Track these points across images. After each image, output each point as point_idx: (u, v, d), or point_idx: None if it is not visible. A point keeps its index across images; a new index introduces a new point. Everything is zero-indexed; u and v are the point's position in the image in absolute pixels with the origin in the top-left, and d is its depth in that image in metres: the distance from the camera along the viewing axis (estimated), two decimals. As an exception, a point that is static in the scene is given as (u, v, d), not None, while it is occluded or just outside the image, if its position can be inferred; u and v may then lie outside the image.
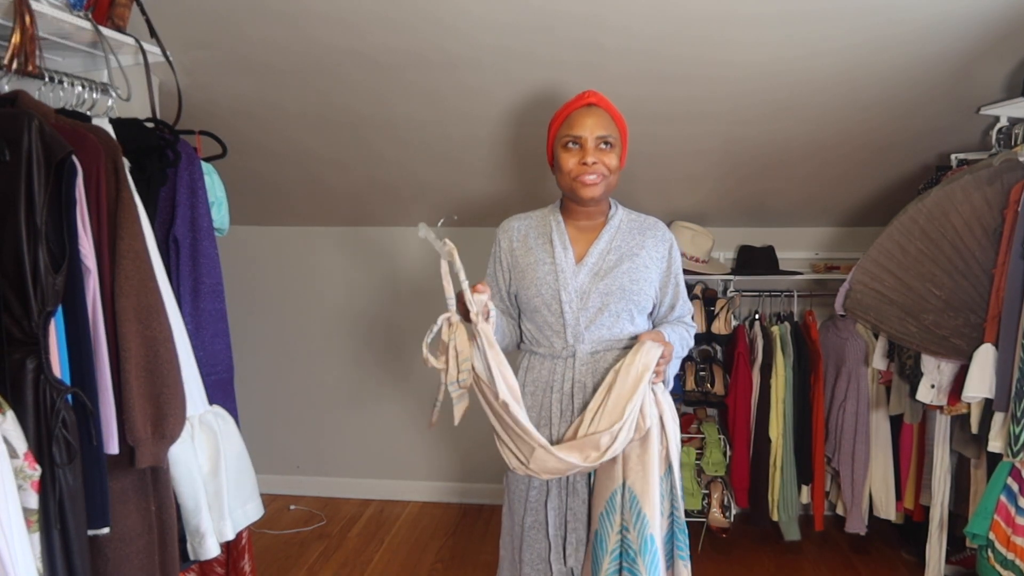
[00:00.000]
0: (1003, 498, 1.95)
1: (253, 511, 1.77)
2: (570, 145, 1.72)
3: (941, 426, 2.52)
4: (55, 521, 1.27)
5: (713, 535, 3.04)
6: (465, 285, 1.58)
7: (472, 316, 1.58)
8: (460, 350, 1.58)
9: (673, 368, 1.78)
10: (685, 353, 1.83)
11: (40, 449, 1.26)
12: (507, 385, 1.62)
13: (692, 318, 1.90)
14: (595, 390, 1.72)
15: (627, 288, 1.72)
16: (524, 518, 1.79)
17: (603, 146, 1.71)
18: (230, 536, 1.69)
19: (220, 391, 1.86)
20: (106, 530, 1.42)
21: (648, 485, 1.65)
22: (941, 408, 2.33)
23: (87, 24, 1.70)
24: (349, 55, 2.26)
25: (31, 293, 1.26)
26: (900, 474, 2.87)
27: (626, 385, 1.62)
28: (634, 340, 1.76)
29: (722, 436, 3.04)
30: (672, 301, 1.84)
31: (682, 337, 1.80)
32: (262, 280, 3.53)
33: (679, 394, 3.05)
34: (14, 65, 1.47)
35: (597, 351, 1.73)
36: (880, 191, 2.93)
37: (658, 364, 1.66)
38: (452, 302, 1.61)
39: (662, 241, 1.81)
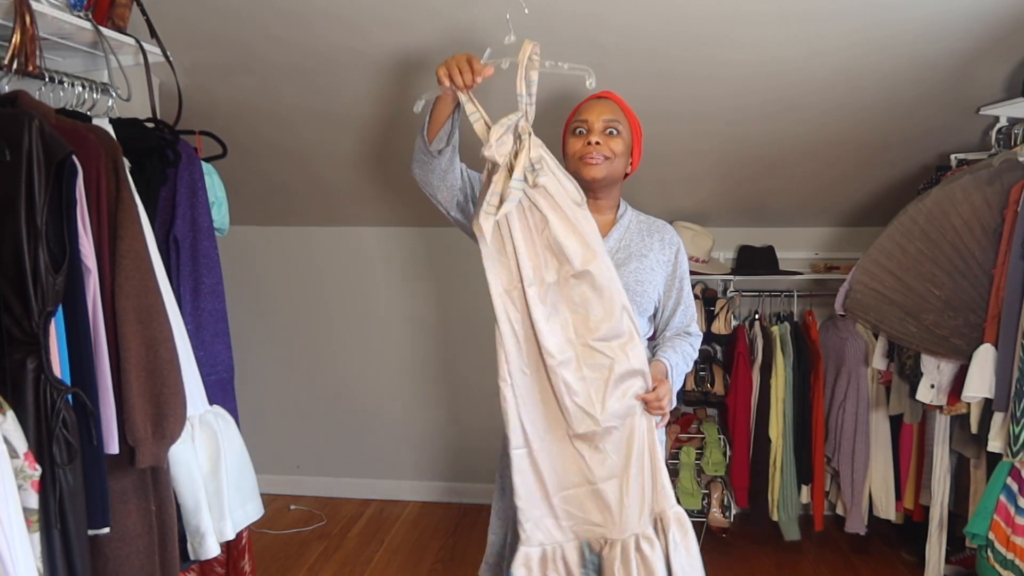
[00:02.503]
0: (1003, 498, 1.95)
1: (253, 511, 1.78)
2: (578, 131, 1.74)
3: (941, 426, 2.52)
4: (55, 521, 1.27)
5: (713, 535, 3.04)
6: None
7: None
8: (533, 156, 1.54)
9: (676, 384, 1.76)
10: (689, 367, 1.81)
11: (40, 449, 1.26)
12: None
13: (697, 324, 1.87)
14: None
15: (631, 288, 1.72)
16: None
17: (610, 131, 1.71)
18: (230, 536, 1.69)
19: (220, 391, 1.86)
20: (106, 530, 1.42)
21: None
22: (941, 408, 2.33)
23: (87, 24, 1.70)
24: (350, 54, 2.26)
25: (31, 293, 1.26)
26: (900, 474, 2.87)
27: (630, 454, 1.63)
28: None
29: (722, 436, 3.04)
30: (675, 305, 1.82)
31: (685, 353, 1.79)
32: (262, 280, 3.53)
33: (679, 394, 3.05)
34: (14, 65, 1.47)
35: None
36: (880, 191, 2.93)
37: (659, 402, 1.65)
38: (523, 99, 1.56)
39: (670, 244, 1.81)
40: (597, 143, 1.70)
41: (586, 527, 1.68)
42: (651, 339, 1.85)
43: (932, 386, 2.28)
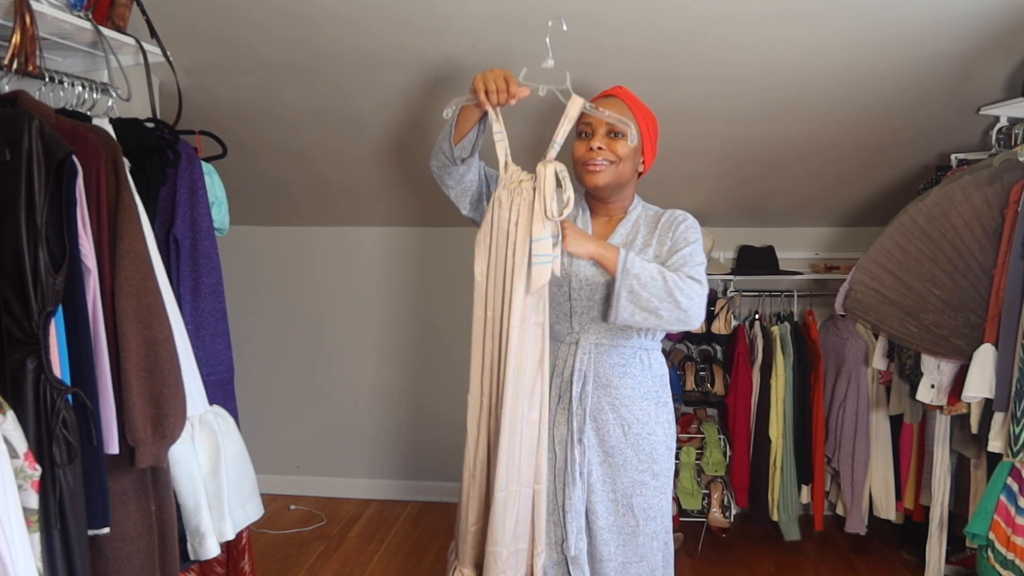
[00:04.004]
0: (1003, 498, 1.95)
1: (253, 511, 1.77)
2: (583, 134, 1.71)
3: (941, 426, 2.52)
4: (55, 521, 1.27)
5: (713, 535, 3.04)
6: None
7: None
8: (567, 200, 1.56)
9: (626, 277, 1.58)
10: (658, 296, 1.57)
11: (40, 449, 1.26)
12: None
13: (698, 275, 1.66)
14: (595, 382, 1.72)
15: None
16: None
17: (613, 134, 1.68)
18: (230, 536, 1.68)
19: (220, 391, 1.86)
20: (106, 530, 1.42)
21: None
22: (941, 408, 2.33)
23: (87, 24, 1.70)
24: (350, 53, 2.26)
25: (31, 293, 1.26)
26: (900, 474, 2.87)
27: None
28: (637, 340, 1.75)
29: (722, 436, 3.04)
30: (669, 254, 1.70)
31: (663, 273, 1.59)
32: (262, 280, 3.52)
33: (679, 394, 3.05)
34: (14, 65, 1.47)
35: (601, 343, 1.72)
36: (880, 191, 2.93)
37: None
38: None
39: (672, 223, 1.76)
40: (600, 148, 1.67)
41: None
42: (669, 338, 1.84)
43: (932, 386, 2.28)
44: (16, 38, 1.47)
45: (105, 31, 1.76)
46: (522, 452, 1.64)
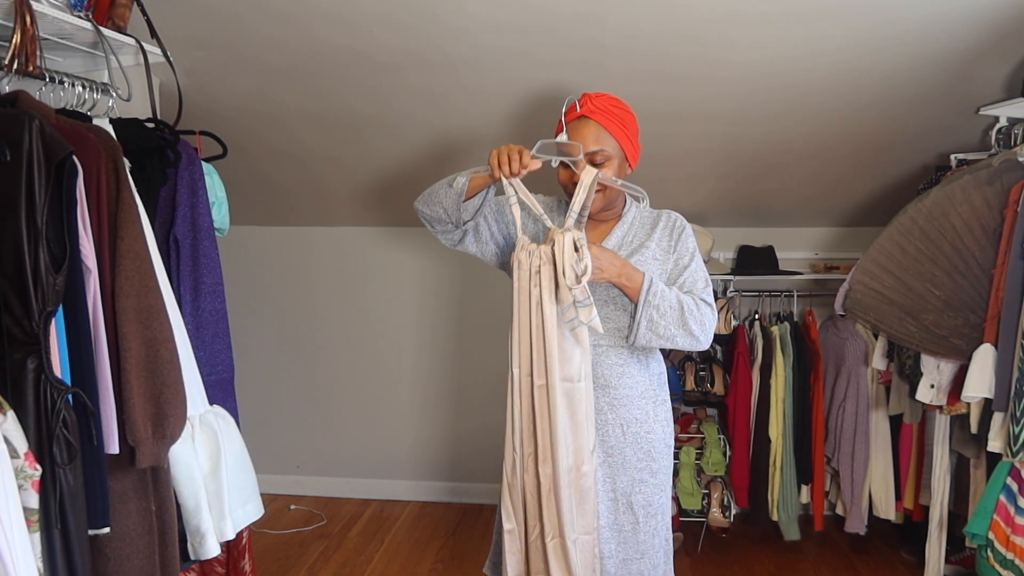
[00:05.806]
0: (1002, 498, 1.95)
1: (253, 511, 1.78)
2: (565, 165, 1.72)
3: (941, 426, 2.52)
4: (55, 521, 1.27)
5: (713, 535, 3.04)
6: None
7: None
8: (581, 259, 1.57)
9: (650, 304, 1.62)
10: (683, 321, 1.64)
11: (41, 449, 1.26)
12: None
13: (709, 296, 1.72)
14: (595, 382, 1.71)
15: None
16: None
17: (595, 163, 1.69)
18: (230, 536, 1.69)
19: (220, 391, 1.86)
20: (106, 530, 1.43)
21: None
22: (941, 408, 2.33)
23: (87, 24, 1.70)
24: (350, 54, 2.26)
25: (32, 293, 1.26)
26: (900, 474, 2.87)
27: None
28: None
29: (722, 436, 3.04)
30: (677, 275, 1.74)
31: (681, 299, 1.64)
32: (262, 280, 3.53)
33: (679, 394, 3.05)
34: (15, 65, 1.47)
35: (600, 344, 1.73)
36: (880, 191, 2.94)
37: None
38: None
39: (674, 229, 1.78)
40: None
41: None
42: None
43: (932, 386, 2.28)
44: (16, 38, 1.47)
45: (105, 31, 1.76)
46: (573, 503, 1.66)
